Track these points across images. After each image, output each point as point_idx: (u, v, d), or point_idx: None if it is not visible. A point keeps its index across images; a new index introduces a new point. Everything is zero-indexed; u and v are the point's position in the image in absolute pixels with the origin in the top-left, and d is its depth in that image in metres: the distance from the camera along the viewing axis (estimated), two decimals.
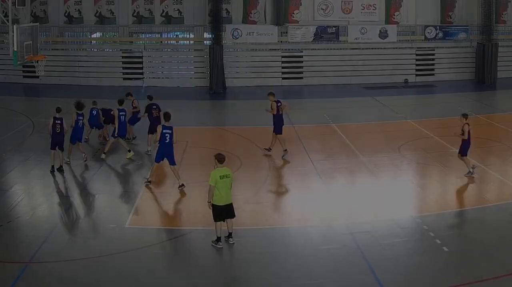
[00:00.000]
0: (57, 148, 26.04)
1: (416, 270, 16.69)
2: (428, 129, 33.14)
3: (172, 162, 24.05)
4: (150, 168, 25.23)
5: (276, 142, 28.47)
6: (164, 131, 23.68)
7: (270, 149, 28.65)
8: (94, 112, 29.51)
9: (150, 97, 29.96)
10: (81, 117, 27.32)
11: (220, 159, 18.37)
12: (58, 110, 26.27)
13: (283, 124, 28.62)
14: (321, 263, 17.30)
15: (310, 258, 17.68)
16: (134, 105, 30.82)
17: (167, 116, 24.25)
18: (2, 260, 17.36)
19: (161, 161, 24.16)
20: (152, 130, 28.15)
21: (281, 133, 28.45)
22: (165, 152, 23.80)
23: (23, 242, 18.92)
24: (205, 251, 18.34)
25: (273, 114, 28.25)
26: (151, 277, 16.75)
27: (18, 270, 16.81)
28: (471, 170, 24.63)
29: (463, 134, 24.49)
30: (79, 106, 27.14)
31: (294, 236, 19.41)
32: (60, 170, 26.03)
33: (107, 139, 29.84)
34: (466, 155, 24.79)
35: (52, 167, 26.03)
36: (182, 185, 23.90)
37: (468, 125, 24.67)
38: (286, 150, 28.20)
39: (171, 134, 23.67)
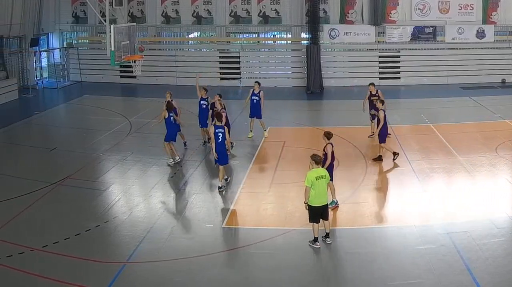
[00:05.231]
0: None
1: None
2: None
3: (221, 162, 24.40)
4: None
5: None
6: (216, 131, 24.08)
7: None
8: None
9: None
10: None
11: (316, 159, 18.63)
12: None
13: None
14: (418, 263, 17.40)
15: (407, 258, 17.81)
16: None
17: (218, 117, 24.69)
18: (99, 260, 17.87)
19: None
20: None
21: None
22: (219, 150, 24.15)
23: (120, 242, 19.55)
24: (302, 251, 18.59)
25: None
26: (247, 277, 17.15)
27: (116, 269, 17.36)
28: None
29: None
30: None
31: (390, 236, 19.54)
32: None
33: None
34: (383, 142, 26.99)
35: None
36: (223, 185, 24.47)
37: (384, 111, 26.62)
38: None
39: (223, 134, 24.07)
